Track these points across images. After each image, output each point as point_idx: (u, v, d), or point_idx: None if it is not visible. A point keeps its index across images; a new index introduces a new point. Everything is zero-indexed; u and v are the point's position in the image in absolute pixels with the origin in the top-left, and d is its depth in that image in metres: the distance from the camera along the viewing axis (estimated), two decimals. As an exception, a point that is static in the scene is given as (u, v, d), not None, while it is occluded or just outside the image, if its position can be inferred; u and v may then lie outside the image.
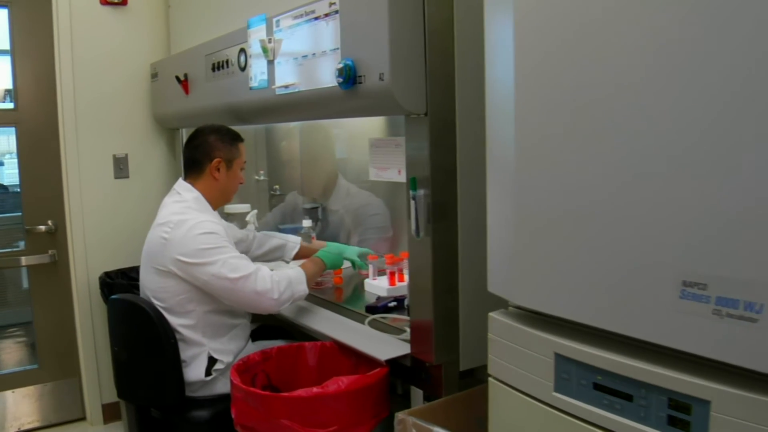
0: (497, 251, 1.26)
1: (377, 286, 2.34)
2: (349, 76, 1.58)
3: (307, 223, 2.92)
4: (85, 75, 2.96)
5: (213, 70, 2.39)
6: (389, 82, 1.51)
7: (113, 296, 2.21)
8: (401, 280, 2.34)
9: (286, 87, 1.89)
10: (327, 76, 1.69)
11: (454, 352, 1.67)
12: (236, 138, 2.21)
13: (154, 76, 3.02)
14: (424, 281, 1.63)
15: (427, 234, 1.60)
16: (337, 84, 1.62)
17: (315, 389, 1.60)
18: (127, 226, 3.09)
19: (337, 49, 1.66)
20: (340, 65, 1.60)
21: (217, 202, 2.20)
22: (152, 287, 2.07)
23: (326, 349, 1.94)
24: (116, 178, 3.09)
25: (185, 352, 2.07)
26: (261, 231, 2.73)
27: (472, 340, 1.67)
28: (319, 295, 2.24)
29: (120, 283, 2.86)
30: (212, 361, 2.09)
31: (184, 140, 2.98)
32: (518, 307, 1.27)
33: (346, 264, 2.35)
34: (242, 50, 2.16)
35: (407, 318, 1.86)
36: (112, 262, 3.05)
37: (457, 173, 1.61)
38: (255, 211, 2.98)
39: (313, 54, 1.75)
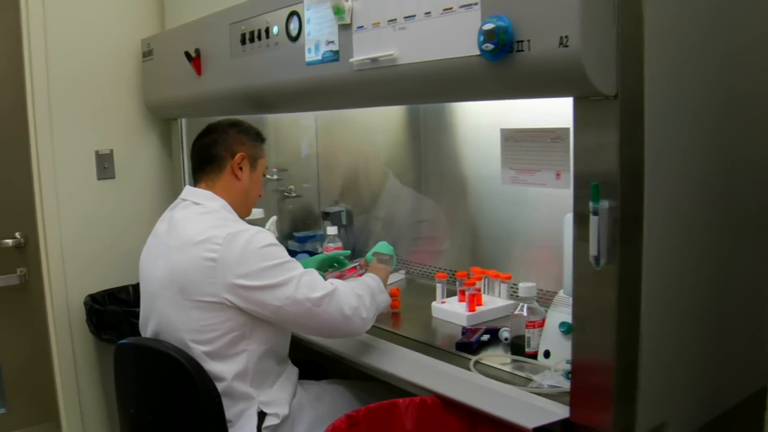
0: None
1: (451, 312, 1.92)
2: (504, 42, 1.12)
3: (332, 230, 2.48)
4: (60, 54, 2.45)
5: (243, 42, 1.89)
6: (578, 48, 1.06)
7: (123, 341, 1.69)
8: (479, 303, 1.91)
9: (375, 60, 1.41)
10: (454, 44, 1.24)
11: (630, 413, 1.24)
12: (260, 135, 1.82)
13: (146, 54, 2.52)
14: (602, 325, 1.20)
15: (611, 262, 1.16)
16: (480, 53, 1.16)
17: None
18: (115, 236, 2.62)
19: (474, 4, 1.19)
20: (489, 26, 1.14)
21: (240, 210, 1.75)
22: (189, 327, 1.57)
23: (426, 406, 1.48)
24: (100, 179, 2.60)
25: (230, 410, 1.59)
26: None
27: (651, 394, 1.26)
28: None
29: (113, 311, 2.34)
30: (262, 416, 1.62)
31: (184, 133, 2.52)
32: None
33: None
34: (294, 14, 1.66)
35: (532, 361, 1.54)
36: (98, 283, 2.55)
37: (645, 178, 1.18)
38: (275, 217, 2.51)
39: (427, 13, 1.28)
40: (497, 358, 1.62)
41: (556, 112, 1.77)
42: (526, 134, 1.28)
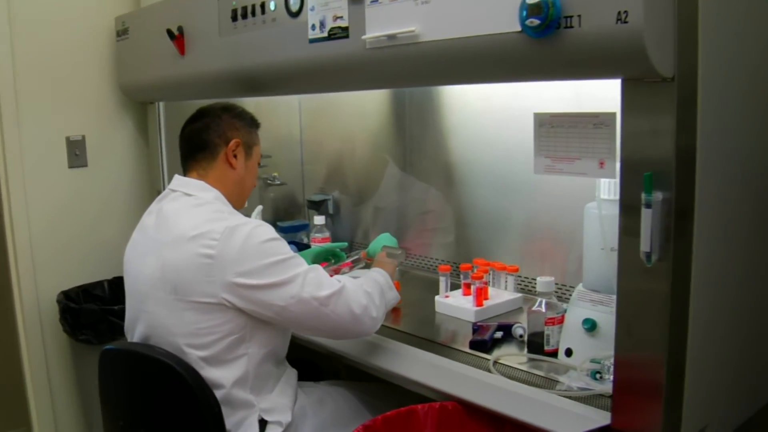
0: None
1: (457, 307, 1.82)
2: (552, 17, 1.01)
3: (319, 220, 2.36)
4: (25, 33, 2.26)
5: (234, 19, 1.74)
6: (639, 25, 0.95)
7: (110, 347, 1.54)
8: (486, 297, 1.82)
9: (392, 37, 1.28)
10: (489, 18, 1.12)
11: (676, 417, 1.16)
12: (255, 120, 1.69)
13: (121, 33, 2.34)
14: (652, 325, 1.10)
15: (663, 258, 1.06)
16: (521, 30, 1.05)
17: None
18: (87, 229, 2.45)
19: (511, -24, 1.08)
20: (534, 0, 1.02)
21: (235, 201, 1.62)
22: (184, 330, 1.43)
23: (447, 412, 1.38)
24: (71, 167, 2.42)
25: (229, 419, 1.46)
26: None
27: (696, 397, 1.18)
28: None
29: (90, 309, 2.18)
30: (263, 425, 1.50)
31: (162, 117, 2.36)
32: None
33: None
34: (294, -13, 1.53)
35: (552, 359, 1.47)
36: (70, 278, 2.38)
37: (696, 168, 1.08)
38: (260, 207, 2.37)
39: (455, -15, 1.16)
40: (514, 357, 1.53)
41: (567, 95, 1.72)
42: (564, 119, 1.17)
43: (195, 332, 1.43)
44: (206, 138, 1.58)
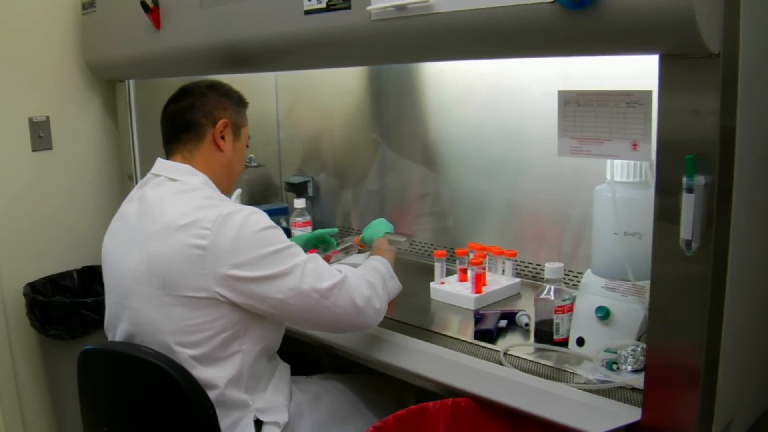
0: None
1: (454, 294, 1.76)
2: (590, -14, 0.93)
3: (299, 203, 2.27)
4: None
5: (218, -11, 1.61)
6: (689, -1, 0.87)
7: (90, 347, 1.42)
8: (484, 283, 1.75)
9: (401, 8, 1.18)
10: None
11: (709, 412, 1.11)
12: (243, 99, 1.57)
13: (87, 5, 2.18)
14: (689, 317, 1.04)
15: (704, 246, 1.00)
16: (554, 0, 0.96)
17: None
18: (54, 216, 2.31)
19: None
20: (571, -34, 0.93)
21: (223, 187, 1.51)
22: (174, 328, 1.32)
23: (460, 409, 1.31)
24: (35, 150, 2.26)
25: (224, 420, 1.36)
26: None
27: (727, 390, 1.13)
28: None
29: (60, 302, 2.04)
30: (258, 425, 1.41)
31: (133, 96, 2.22)
32: None
33: None
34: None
35: (563, 350, 1.41)
36: (36, 269, 2.23)
37: (736, 149, 1.02)
38: (239, 190, 2.27)
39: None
40: (522, 347, 1.47)
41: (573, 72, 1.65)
42: (593, 97, 1.09)
43: (185, 329, 1.32)
44: (191, 118, 1.46)
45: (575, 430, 1.14)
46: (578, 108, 1.11)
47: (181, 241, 1.30)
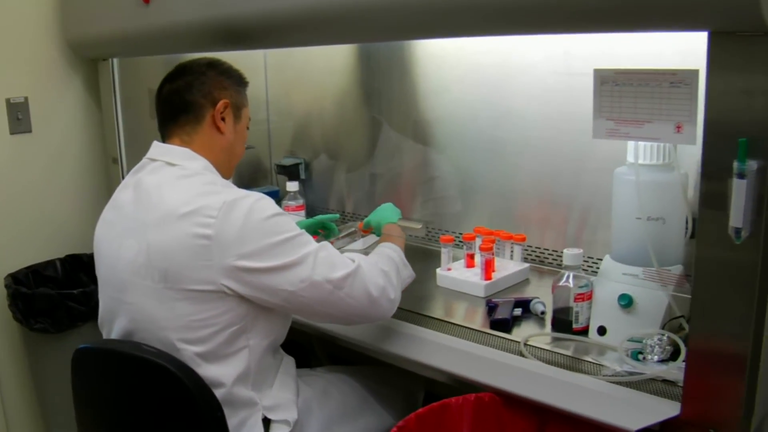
0: None
1: (463, 280, 1.71)
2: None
3: (291, 186, 2.19)
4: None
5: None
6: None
7: (85, 346, 1.32)
8: (494, 269, 1.69)
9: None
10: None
11: (750, 406, 1.06)
12: (243, 78, 1.48)
13: (66, -23, 2.04)
14: (737, 308, 0.99)
15: (754, 234, 0.94)
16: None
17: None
18: (34, 202, 2.21)
19: None
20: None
21: (223, 171, 1.43)
22: (177, 324, 1.24)
23: (483, 405, 1.25)
24: (13, 133, 2.15)
25: (231, 419, 1.29)
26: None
27: (765, 383, 1.08)
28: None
29: (45, 294, 1.94)
30: (266, 424, 1.34)
31: (117, 75, 2.11)
32: None
33: None
34: None
35: (585, 339, 1.36)
36: (17, 259, 2.13)
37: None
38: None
39: None
40: (539, 337, 1.41)
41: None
42: (632, 77, 1.02)
43: (189, 325, 1.24)
44: (189, 98, 1.37)
45: (609, 426, 1.09)
46: (616, 88, 1.05)
47: (183, 230, 1.22)
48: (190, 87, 1.37)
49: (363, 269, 1.31)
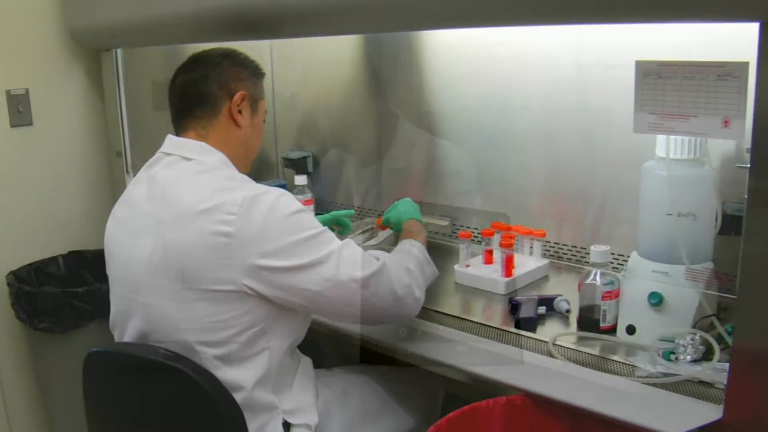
0: None
1: (483, 277, 1.66)
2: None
3: (300, 179, 2.14)
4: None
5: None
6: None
7: (98, 349, 1.27)
8: (513, 266, 1.66)
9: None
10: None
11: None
12: (259, 69, 1.43)
13: (68, -35, 1.98)
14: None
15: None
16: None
17: None
18: (35, 197, 2.15)
19: None
20: None
21: (241, 166, 1.37)
22: (196, 325, 1.20)
23: (515, 408, 1.21)
24: (13, 126, 2.09)
25: (251, 424, 1.24)
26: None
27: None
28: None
29: (50, 293, 1.90)
30: (286, 428, 1.29)
31: (120, 66, 2.06)
32: None
33: None
34: None
35: (613, 338, 1.32)
36: (18, 256, 2.08)
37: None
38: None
39: None
40: (566, 337, 1.37)
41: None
42: (677, 69, 0.98)
43: (209, 327, 1.20)
44: (205, 90, 1.32)
45: (648, 430, 1.05)
46: (659, 80, 1.00)
47: (202, 228, 1.17)
48: (206, 78, 1.33)
49: (388, 268, 1.27)
